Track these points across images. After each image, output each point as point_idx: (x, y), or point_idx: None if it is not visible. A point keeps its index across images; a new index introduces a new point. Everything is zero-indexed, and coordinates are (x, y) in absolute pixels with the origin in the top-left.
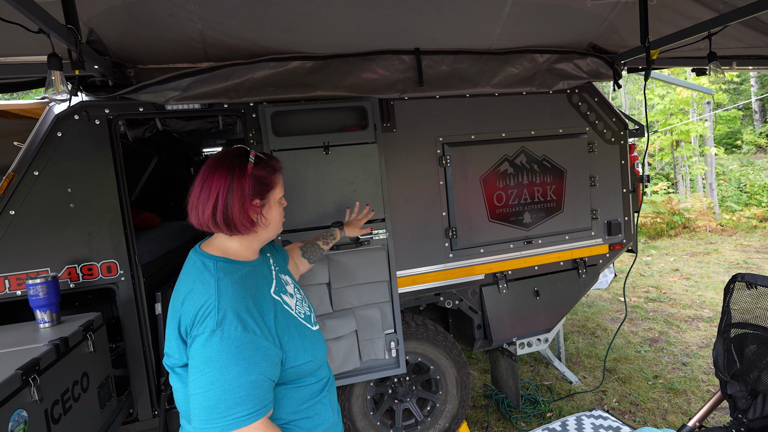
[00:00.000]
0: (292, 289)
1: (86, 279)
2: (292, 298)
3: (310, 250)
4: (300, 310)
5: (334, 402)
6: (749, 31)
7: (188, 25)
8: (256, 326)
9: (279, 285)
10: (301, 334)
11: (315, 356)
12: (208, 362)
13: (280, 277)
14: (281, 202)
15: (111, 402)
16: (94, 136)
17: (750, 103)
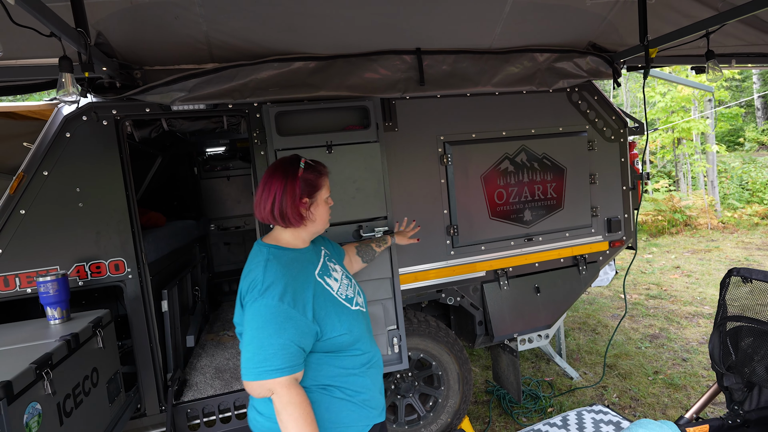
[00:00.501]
0: (339, 276)
1: (95, 277)
2: (336, 282)
3: (364, 251)
4: (342, 292)
5: (378, 382)
6: (748, 29)
7: (193, 27)
8: (292, 300)
9: (325, 270)
10: (338, 311)
11: (350, 330)
12: (250, 323)
13: (328, 265)
14: (327, 201)
15: (120, 397)
16: (102, 136)
17: (752, 101)
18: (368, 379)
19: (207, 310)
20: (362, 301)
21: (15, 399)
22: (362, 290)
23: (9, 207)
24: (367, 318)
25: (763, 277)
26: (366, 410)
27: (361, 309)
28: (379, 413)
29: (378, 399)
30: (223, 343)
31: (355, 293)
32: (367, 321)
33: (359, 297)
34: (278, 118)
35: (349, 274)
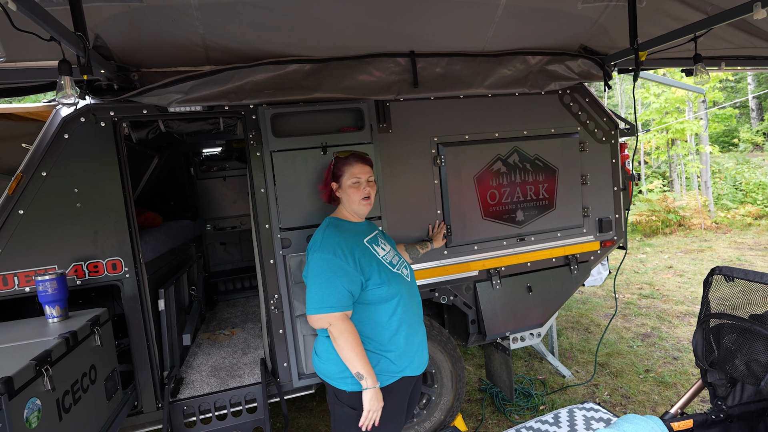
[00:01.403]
0: (387, 249)
1: (92, 276)
2: (383, 250)
3: (410, 249)
4: (387, 258)
5: (413, 341)
6: (737, 32)
7: (190, 30)
8: (343, 255)
9: (374, 240)
10: (380, 268)
11: (388, 283)
12: (312, 270)
13: (378, 239)
14: (352, 186)
15: (117, 394)
16: (99, 137)
17: (747, 101)
18: (399, 336)
19: (203, 310)
20: (408, 272)
21: (16, 394)
22: (411, 268)
23: (8, 207)
24: (412, 287)
25: (744, 275)
26: (392, 365)
27: (404, 275)
28: (410, 368)
29: (409, 356)
30: (219, 342)
31: (401, 265)
32: (409, 288)
33: (405, 269)
34: (274, 119)
35: (398, 253)
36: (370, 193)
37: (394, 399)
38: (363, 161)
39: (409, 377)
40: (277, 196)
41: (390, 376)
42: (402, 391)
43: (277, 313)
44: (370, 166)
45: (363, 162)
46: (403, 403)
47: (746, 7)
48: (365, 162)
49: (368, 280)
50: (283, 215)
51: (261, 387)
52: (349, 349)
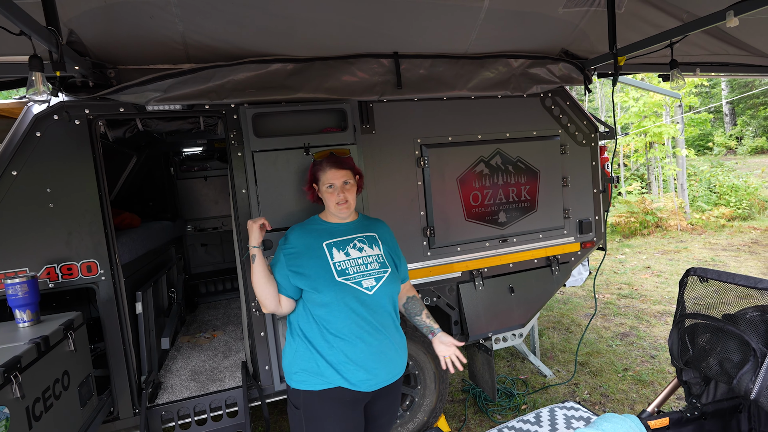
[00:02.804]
0: (358, 256)
1: (66, 279)
2: (345, 256)
3: (413, 304)
4: (344, 265)
5: (353, 355)
6: (711, 39)
7: (169, 27)
8: (289, 248)
9: (341, 244)
10: (320, 273)
11: (326, 290)
12: None
13: (354, 243)
14: (327, 191)
15: (92, 400)
16: (73, 136)
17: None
18: (338, 346)
19: (183, 312)
20: (373, 286)
21: None
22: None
23: None
24: (372, 302)
25: (717, 276)
26: (329, 369)
27: (360, 288)
28: (353, 382)
29: (352, 369)
30: (199, 345)
31: (368, 276)
32: (364, 301)
33: (369, 281)
34: (255, 119)
35: (385, 264)
36: (346, 197)
37: (328, 406)
38: (337, 165)
39: (353, 391)
40: (259, 197)
41: (323, 381)
42: (339, 401)
43: (259, 315)
44: (346, 169)
45: (337, 166)
46: (343, 415)
47: (720, 15)
48: (339, 166)
49: (299, 279)
50: (264, 216)
51: (242, 391)
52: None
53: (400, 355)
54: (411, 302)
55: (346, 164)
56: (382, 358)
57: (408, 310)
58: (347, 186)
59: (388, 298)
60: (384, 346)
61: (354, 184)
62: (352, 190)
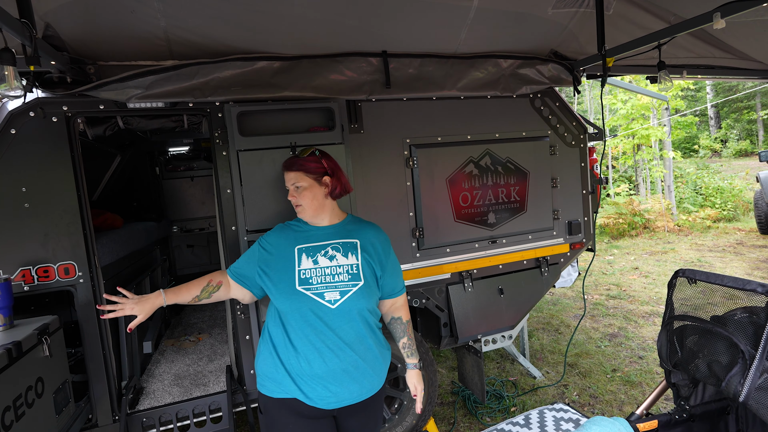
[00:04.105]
0: (328, 264)
1: (42, 281)
2: (314, 264)
3: (396, 326)
4: (310, 274)
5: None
6: (698, 42)
7: (151, 23)
8: (266, 243)
9: (312, 250)
10: (280, 278)
11: (283, 297)
12: None
13: (327, 250)
14: (290, 191)
15: (68, 408)
16: (51, 133)
17: (706, 110)
18: (301, 357)
19: (167, 315)
20: (339, 300)
21: None
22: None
23: None
24: (336, 317)
25: (706, 278)
26: (286, 378)
27: (323, 301)
28: (310, 396)
29: (312, 383)
30: (184, 348)
31: (330, 288)
32: (326, 315)
33: (333, 293)
34: (240, 117)
35: (356, 276)
36: (299, 200)
37: (285, 416)
38: (288, 167)
39: (309, 406)
40: (244, 197)
41: (280, 389)
42: (297, 413)
43: (244, 318)
44: (296, 170)
45: (288, 168)
46: (304, 426)
47: (707, 17)
48: (288, 167)
49: (265, 280)
50: (249, 217)
51: (226, 395)
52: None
53: (374, 372)
54: (393, 325)
55: (297, 165)
56: (343, 377)
57: (390, 331)
58: (299, 190)
59: (357, 314)
60: (347, 364)
61: (308, 187)
62: (305, 194)
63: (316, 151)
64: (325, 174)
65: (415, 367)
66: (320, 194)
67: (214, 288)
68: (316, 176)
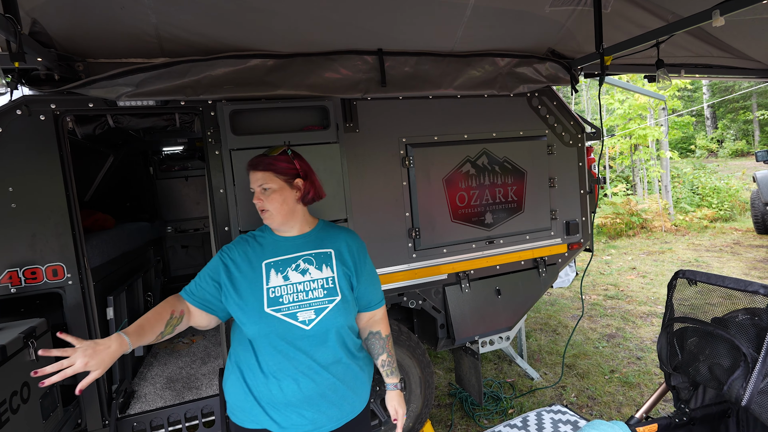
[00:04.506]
0: (298, 278)
1: (29, 283)
2: (283, 281)
3: (373, 342)
4: (280, 292)
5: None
6: (696, 41)
7: (141, 19)
8: (227, 258)
9: (282, 264)
10: (248, 299)
11: (249, 319)
12: None
13: (299, 263)
14: (255, 193)
15: (56, 413)
16: (38, 132)
17: (702, 110)
18: (264, 383)
19: None
20: (308, 319)
21: None
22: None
23: None
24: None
25: (707, 279)
26: (256, 407)
27: (295, 322)
28: (273, 423)
29: (284, 412)
30: (177, 350)
31: (304, 307)
32: (295, 339)
33: (308, 313)
34: (233, 116)
35: (333, 290)
36: (265, 205)
37: None
38: (255, 166)
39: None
40: (237, 197)
41: (250, 419)
42: None
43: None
44: (263, 170)
45: (254, 167)
46: None
47: (706, 14)
48: (254, 167)
49: (229, 301)
50: (242, 217)
51: (219, 399)
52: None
53: (356, 393)
54: (371, 340)
55: (266, 165)
56: (321, 402)
57: (367, 348)
58: (266, 192)
59: (335, 333)
60: (324, 388)
61: (277, 189)
62: (274, 198)
63: (288, 150)
64: (297, 176)
65: (396, 387)
66: (291, 198)
67: (178, 320)
68: (287, 178)
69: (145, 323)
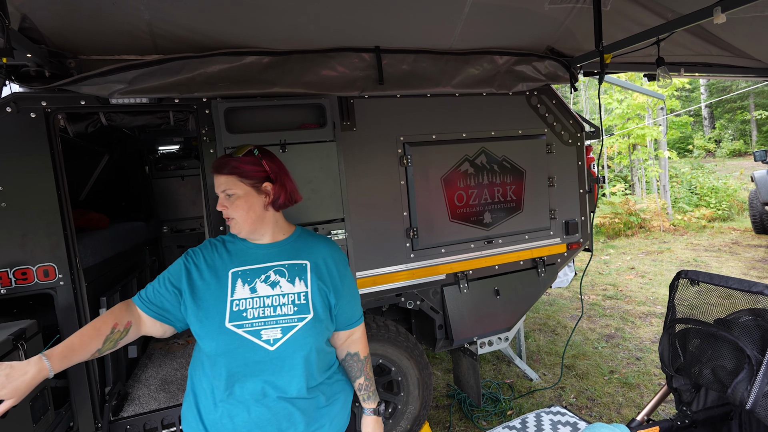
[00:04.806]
0: (267, 291)
1: (20, 284)
2: (250, 293)
3: (351, 363)
4: (241, 305)
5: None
6: (695, 39)
7: (134, 15)
8: (191, 263)
9: (250, 275)
10: (209, 311)
11: (201, 335)
12: None
13: (269, 274)
14: (219, 200)
15: (47, 416)
16: (29, 130)
17: (700, 110)
18: (217, 409)
19: None
20: (273, 338)
21: None
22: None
23: None
24: (269, 365)
25: (709, 279)
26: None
27: (256, 341)
28: None
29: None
30: (172, 351)
31: (270, 324)
32: (253, 361)
33: (274, 331)
34: (228, 114)
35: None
36: (230, 212)
37: None
38: (218, 169)
39: None
40: None
41: None
42: None
43: None
44: (227, 174)
45: (217, 170)
46: None
47: (707, 11)
48: (220, 170)
49: (188, 312)
50: None
51: None
52: None
53: (317, 427)
54: (348, 362)
55: (230, 168)
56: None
57: (344, 369)
58: (230, 199)
59: (302, 356)
60: (281, 418)
61: (242, 195)
62: (239, 205)
63: (254, 150)
64: (266, 179)
65: (372, 413)
66: (258, 205)
67: (121, 334)
68: (253, 182)
69: (77, 342)
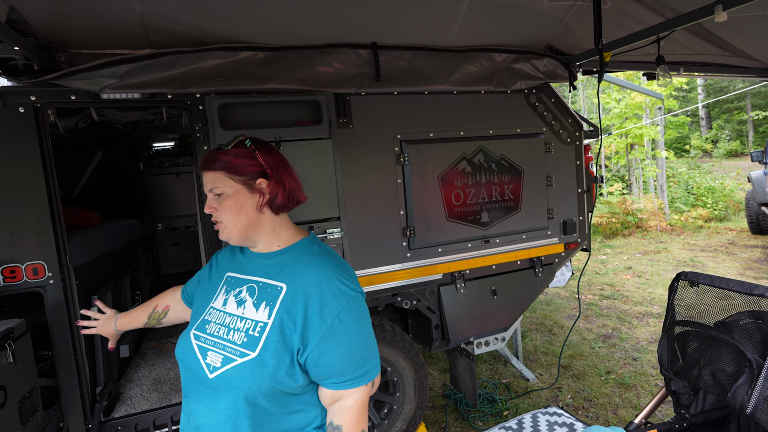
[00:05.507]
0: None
1: (8, 282)
2: (222, 305)
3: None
4: (211, 315)
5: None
6: (695, 38)
7: (126, 8)
8: (214, 260)
9: (232, 286)
10: (194, 304)
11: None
12: None
13: (243, 289)
14: (207, 200)
15: (36, 416)
16: (17, 125)
17: (697, 110)
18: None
19: None
20: (213, 365)
21: None
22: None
23: None
24: (211, 386)
25: (709, 281)
26: None
27: (197, 353)
28: None
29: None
30: (166, 350)
31: (217, 348)
32: (202, 382)
33: (216, 356)
34: (222, 110)
35: (253, 342)
36: (217, 215)
37: None
38: (206, 165)
39: None
40: None
41: None
42: None
43: None
44: (219, 170)
45: (205, 166)
46: None
47: (708, 9)
48: (208, 165)
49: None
50: None
51: None
52: None
53: None
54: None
55: (219, 163)
56: None
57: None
58: (219, 199)
59: (231, 400)
60: None
61: (231, 194)
62: (228, 206)
63: (246, 140)
64: (261, 175)
65: None
66: (249, 206)
67: (161, 314)
68: (245, 178)
69: (135, 312)
